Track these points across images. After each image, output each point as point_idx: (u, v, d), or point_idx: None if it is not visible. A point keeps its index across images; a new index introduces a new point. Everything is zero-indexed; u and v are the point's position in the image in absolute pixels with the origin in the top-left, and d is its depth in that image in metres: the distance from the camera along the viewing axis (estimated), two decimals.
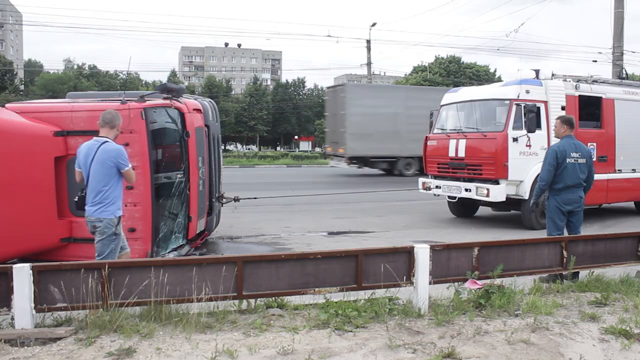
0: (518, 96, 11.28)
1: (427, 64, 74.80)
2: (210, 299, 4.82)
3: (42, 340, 4.35)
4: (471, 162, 11.76)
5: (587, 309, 5.43)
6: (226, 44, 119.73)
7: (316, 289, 5.10)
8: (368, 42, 45.80)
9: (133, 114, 7.57)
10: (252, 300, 5.18)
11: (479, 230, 11.51)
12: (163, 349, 4.19)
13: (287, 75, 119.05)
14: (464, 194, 11.82)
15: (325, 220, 12.71)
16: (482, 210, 14.50)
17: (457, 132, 12.26)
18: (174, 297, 4.78)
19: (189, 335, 4.44)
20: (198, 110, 9.01)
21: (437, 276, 5.41)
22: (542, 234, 7.60)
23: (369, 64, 46.40)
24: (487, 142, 11.46)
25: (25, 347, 4.23)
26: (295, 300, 5.37)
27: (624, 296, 5.85)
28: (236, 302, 5.09)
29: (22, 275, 4.40)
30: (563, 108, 11.52)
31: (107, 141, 5.53)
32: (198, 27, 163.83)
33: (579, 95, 12.09)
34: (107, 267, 4.62)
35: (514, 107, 11.21)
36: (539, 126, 11.33)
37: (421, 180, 13.32)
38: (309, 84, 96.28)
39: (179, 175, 8.38)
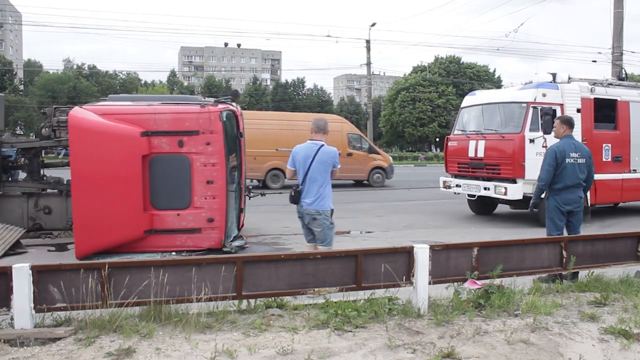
0: (535, 99, 11.73)
1: (426, 64, 74.91)
2: (210, 299, 4.81)
3: (41, 341, 4.34)
4: (490, 162, 12.26)
5: (586, 309, 5.43)
6: (226, 44, 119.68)
7: (316, 289, 5.10)
8: (368, 42, 45.80)
9: (213, 117, 8.55)
10: (251, 300, 5.18)
11: (478, 230, 11.53)
12: (162, 349, 4.19)
13: (287, 75, 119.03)
14: (483, 193, 12.35)
15: None
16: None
17: (477, 134, 12.74)
18: (174, 297, 4.78)
19: (189, 335, 4.44)
20: (240, 113, 9.85)
21: (437, 276, 5.41)
22: (543, 234, 7.60)
23: (368, 64, 46.39)
24: (505, 143, 11.94)
25: (25, 347, 4.23)
26: (294, 300, 5.38)
27: (624, 296, 5.85)
28: (236, 302, 5.09)
29: (22, 275, 4.40)
30: (579, 110, 12.01)
31: (324, 144, 6.33)
32: (197, 27, 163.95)
33: (595, 98, 12.51)
34: (107, 267, 4.62)
35: (530, 110, 11.65)
36: (554, 128, 11.51)
37: (442, 179, 13.87)
38: (309, 84, 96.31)
39: (236, 172, 9.29)
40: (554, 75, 12.35)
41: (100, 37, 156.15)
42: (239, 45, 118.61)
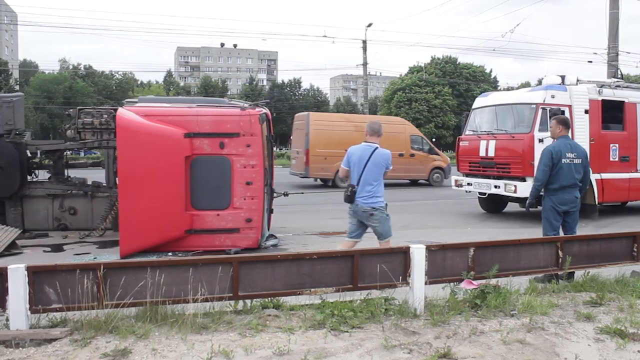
0: (544, 100, 12.24)
1: (423, 65, 74.85)
2: (206, 300, 4.81)
3: (37, 342, 4.33)
4: (500, 161, 12.79)
5: (582, 308, 5.44)
6: (222, 44, 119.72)
7: (312, 290, 5.10)
8: (364, 42, 45.76)
9: (253, 120, 8.87)
10: (248, 301, 5.18)
11: (474, 231, 11.54)
12: (159, 350, 4.18)
13: (283, 75, 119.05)
14: (493, 191, 12.87)
15: (321, 221, 12.70)
16: (476, 211, 14.54)
17: (487, 134, 13.23)
18: (170, 298, 4.77)
19: (185, 336, 4.43)
20: (270, 116, 10.26)
21: (433, 276, 5.41)
22: (539, 234, 7.61)
23: (364, 64, 46.37)
24: (514, 142, 12.44)
25: (20, 349, 4.22)
26: (291, 300, 5.36)
27: (619, 296, 5.86)
28: (232, 302, 5.08)
29: (17, 276, 4.38)
30: (586, 111, 12.59)
31: (378, 147, 6.64)
32: (194, 27, 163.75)
33: (602, 100, 12.99)
34: (102, 267, 4.61)
35: (539, 111, 12.12)
36: None
37: (454, 178, 14.34)
38: (305, 84, 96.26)
39: (267, 173, 9.52)
40: (562, 77, 12.86)
41: (96, 38, 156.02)
42: (235, 46, 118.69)
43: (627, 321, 4.97)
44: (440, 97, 69.21)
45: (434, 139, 72.43)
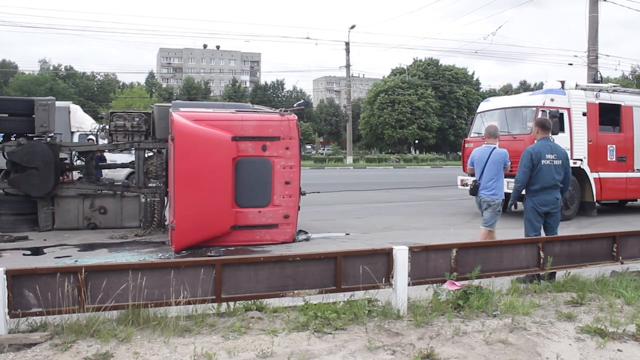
0: (544, 103, 13.16)
1: (405, 67, 75.26)
2: (189, 302, 4.77)
3: (16, 346, 4.26)
4: None
5: (563, 308, 5.49)
6: (205, 46, 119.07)
7: (295, 291, 5.08)
8: (347, 44, 45.90)
9: (292, 125, 9.74)
10: (231, 303, 5.15)
11: (458, 232, 11.60)
12: (141, 353, 4.14)
13: (266, 77, 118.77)
14: None
15: (304, 222, 12.66)
16: (459, 212, 14.62)
17: None
18: (152, 301, 4.72)
19: (167, 339, 4.39)
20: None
21: (416, 277, 5.43)
22: (521, 235, 7.68)
23: (347, 66, 46.50)
24: (516, 143, 12.98)
25: None
26: (274, 302, 5.35)
27: (599, 296, 5.93)
28: (215, 305, 5.05)
29: None
30: (584, 114, 13.37)
31: (495, 147, 7.89)
32: (176, 28, 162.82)
33: (600, 103, 13.79)
34: (83, 270, 4.56)
35: (539, 113, 12.92)
36: (562, 129, 12.97)
37: (459, 177, 14.97)
38: (288, 86, 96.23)
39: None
40: (562, 82, 13.66)
41: (77, 38, 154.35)
42: (218, 47, 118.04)
43: (607, 320, 5.03)
44: (423, 99, 69.57)
45: (416, 141, 72.92)
